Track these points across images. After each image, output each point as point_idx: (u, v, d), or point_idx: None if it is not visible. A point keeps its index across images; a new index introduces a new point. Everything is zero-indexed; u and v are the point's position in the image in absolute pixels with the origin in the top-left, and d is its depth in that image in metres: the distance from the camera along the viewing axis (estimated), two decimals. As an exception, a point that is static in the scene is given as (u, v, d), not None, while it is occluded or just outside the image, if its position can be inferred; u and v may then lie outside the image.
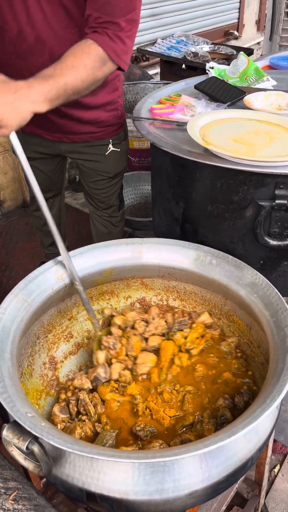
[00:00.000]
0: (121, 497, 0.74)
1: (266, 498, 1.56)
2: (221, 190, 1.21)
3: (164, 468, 0.73)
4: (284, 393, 0.74)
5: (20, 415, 0.72)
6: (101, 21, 1.15)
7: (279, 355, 0.83)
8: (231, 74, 1.79)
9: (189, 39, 3.40)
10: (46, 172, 1.74)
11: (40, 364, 1.05)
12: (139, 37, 3.67)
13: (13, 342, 0.89)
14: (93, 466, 0.74)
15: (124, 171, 1.77)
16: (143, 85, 3.00)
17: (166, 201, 1.42)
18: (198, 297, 1.16)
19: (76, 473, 0.76)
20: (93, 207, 1.82)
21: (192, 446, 0.68)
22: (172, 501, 0.74)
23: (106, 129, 1.59)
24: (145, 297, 1.22)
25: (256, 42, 5.04)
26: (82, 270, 1.09)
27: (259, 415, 0.70)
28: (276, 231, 1.22)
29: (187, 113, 1.46)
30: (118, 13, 1.15)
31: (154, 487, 0.73)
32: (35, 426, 0.71)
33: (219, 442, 0.67)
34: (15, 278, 2.47)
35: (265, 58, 2.21)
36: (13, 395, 0.76)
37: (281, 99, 1.55)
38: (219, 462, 0.76)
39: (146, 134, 1.35)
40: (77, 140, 1.59)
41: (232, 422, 0.73)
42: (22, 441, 0.71)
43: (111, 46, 1.15)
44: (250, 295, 0.99)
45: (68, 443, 0.69)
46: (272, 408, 0.71)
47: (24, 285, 0.99)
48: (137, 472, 0.73)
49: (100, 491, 0.74)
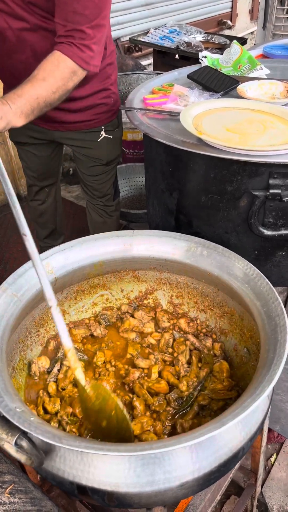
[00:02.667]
0: (112, 489, 0.74)
1: (263, 487, 1.57)
2: (215, 181, 1.20)
3: (154, 460, 0.73)
4: (274, 383, 0.73)
5: (8, 410, 0.71)
6: (68, 29, 1.19)
7: (270, 344, 0.83)
8: (224, 63, 1.77)
9: (182, 29, 3.37)
10: (41, 158, 1.76)
11: (32, 359, 1.05)
12: (132, 27, 3.63)
13: (3, 337, 0.88)
14: (83, 460, 0.74)
15: (118, 158, 1.77)
16: (136, 76, 2.98)
17: (160, 192, 1.41)
18: (190, 289, 1.16)
19: (66, 467, 0.76)
20: (88, 196, 1.84)
21: (182, 438, 0.68)
22: (163, 493, 0.74)
23: (99, 117, 1.60)
24: (140, 291, 1.21)
25: (249, 31, 5.00)
26: (72, 263, 1.08)
27: (248, 405, 0.70)
28: (270, 221, 1.22)
29: (180, 103, 1.44)
30: (83, 21, 1.18)
31: (145, 479, 0.73)
32: (24, 421, 0.70)
33: (208, 433, 0.67)
34: (9, 272, 2.43)
35: (258, 47, 2.19)
36: (1, 390, 0.76)
37: (275, 88, 1.54)
38: (210, 453, 0.76)
39: (139, 125, 1.33)
40: (72, 129, 1.61)
41: (222, 413, 0.73)
42: (11, 437, 0.71)
43: (78, 55, 1.20)
44: (241, 285, 0.99)
45: (56, 437, 0.68)
46: (262, 398, 0.71)
47: (13, 280, 0.98)
48: (128, 464, 0.73)
49: (91, 484, 0.74)
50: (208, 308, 1.14)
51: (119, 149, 1.76)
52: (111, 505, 0.77)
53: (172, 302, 1.20)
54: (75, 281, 1.13)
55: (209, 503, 1.03)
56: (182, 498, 0.79)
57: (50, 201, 1.94)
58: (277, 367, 0.76)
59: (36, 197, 1.92)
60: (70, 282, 1.13)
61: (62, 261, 1.08)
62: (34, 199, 1.94)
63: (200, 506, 1.01)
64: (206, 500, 1.01)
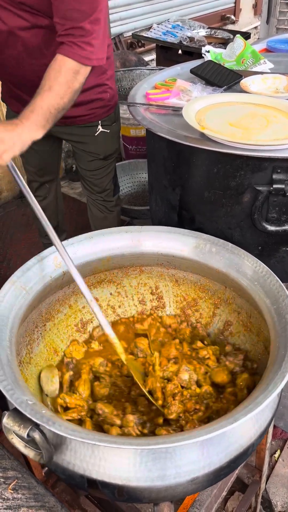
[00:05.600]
0: (122, 483, 0.74)
1: (267, 483, 1.56)
2: (218, 176, 1.19)
3: (166, 455, 0.73)
4: (286, 380, 0.73)
5: (21, 402, 0.71)
6: (67, 27, 1.19)
7: (281, 342, 0.82)
8: (227, 57, 1.76)
9: (185, 24, 3.35)
10: (41, 153, 1.75)
11: (38, 353, 1.04)
12: (134, 22, 3.61)
13: (12, 330, 0.88)
14: (94, 453, 0.74)
15: (116, 153, 1.77)
16: (138, 72, 2.96)
17: (163, 188, 1.40)
18: (198, 286, 1.15)
19: (77, 460, 0.75)
20: (88, 191, 1.84)
21: (194, 433, 0.67)
22: (174, 487, 0.74)
23: (95, 111, 1.60)
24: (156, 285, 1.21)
25: (253, 26, 4.96)
26: (80, 258, 1.08)
27: (261, 401, 0.70)
28: (274, 216, 1.21)
29: (182, 97, 1.43)
30: (81, 18, 1.18)
31: (156, 474, 0.73)
32: (36, 414, 0.70)
33: (220, 429, 0.66)
34: (12, 269, 2.43)
35: (262, 41, 2.17)
36: (13, 382, 0.76)
37: (278, 82, 1.53)
38: (221, 449, 0.76)
39: (141, 120, 1.32)
40: (69, 124, 1.61)
41: (234, 409, 0.73)
42: (23, 429, 0.71)
43: (80, 54, 1.19)
44: (250, 283, 0.98)
45: (69, 430, 0.68)
46: (275, 395, 0.70)
47: (21, 273, 0.99)
48: (139, 458, 0.73)
49: (101, 478, 0.74)
50: (215, 306, 1.13)
51: (117, 144, 1.76)
52: (120, 499, 0.77)
53: (177, 300, 1.19)
54: (83, 275, 1.13)
55: (215, 499, 1.03)
56: (191, 494, 0.78)
57: (51, 197, 1.94)
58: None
59: (36, 193, 1.92)
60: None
61: (71, 255, 1.07)
62: (34, 195, 1.92)
63: (206, 502, 1.01)
64: (212, 496, 1.01)
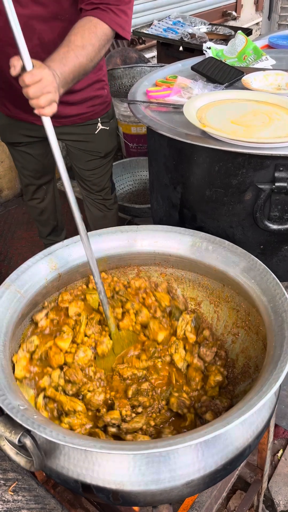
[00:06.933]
0: (117, 488, 0.73)
1: (270, 482, 1.56)
2: (219, 174, 1.18)
3: (159, 459, 0.73)
4: (280, 381, 0.72)
5: (12, 408, 0.71)
6: None
7: (277, 341, 0.82)
8: (229, 54, 1.74)
9: (186, 20, 3.32)
10: (37, 157, 1.73)
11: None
12: (135, 19, 3.57)
13: (6, 334, 0.87)
14: (87, 458, 0.74)
15: (114, 150, 1.76)
16: (139, 69, 2.95)
17: (164, 186, 1.39)
18: (196, 284, 1.14)
19: (71, 465, 0.75)
20: (86, 191, 1.82)
21: (187, 436, 0.67)
22: (169, 491, 0.74)
23: (95, 108, 1.59)
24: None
25: (254, 22, 4.93)
26: (77, 259, 1.07)
27: (255, 403, 0.69)
28: (276, 214, 1.20)
29: (183, 95, 1.42)
30: None
31: (150, 478, 0.72)
32: (27, 419, 0.69)
33: (214, 431, 0.66)
34: (13, 267, 2.42)
35: (264, 38, 2.15)
36: (4, 387, 0.75)
37: (280, 79, 1.51)
38: (216, 451, 0.75)
39: (142, 118, 1.31)
40: (68, 123, 1.59)
41: (228, 411, 0.72)
42: (14, 435, 0.70)
43: (117, 22, 1.16)
44: (248, 281, 0.97)
45: (60, 436, 0.67)
46: (269, 396, 0.70)
47: (16, 276, 0.98)
48: (133, 463, 0.73)
49: (95, 482, 0.74)
50: (214, 304, 1.12)
51: (115, 141, 1.75)
52: (116, 503, 0.77)
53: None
54: (79, 277, 1.12)
55: (215, 500, 1.03)
56: (188, 496, 0.78)
57: (49, 198, 1.93)
58: (284, 364, 0.75)
59: (34, 196, 1.90)
60: (75, 278, 1.11)
61: (66, 257, 1.07)
62: (32, 198, 1.92)
63: (206, 503, 1.00)
64: (212, 497, 1.00)
